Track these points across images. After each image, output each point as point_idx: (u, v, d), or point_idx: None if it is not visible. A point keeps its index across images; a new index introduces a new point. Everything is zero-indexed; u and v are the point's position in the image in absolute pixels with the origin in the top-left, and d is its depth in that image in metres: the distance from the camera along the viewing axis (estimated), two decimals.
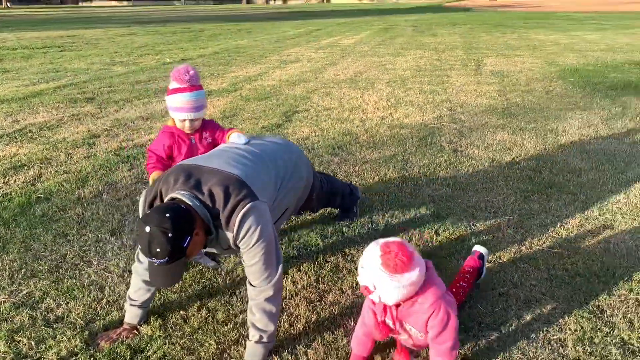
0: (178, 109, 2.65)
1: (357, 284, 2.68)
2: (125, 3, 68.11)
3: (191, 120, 2.69)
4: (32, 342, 2.26)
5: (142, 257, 2.26)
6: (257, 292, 2.10)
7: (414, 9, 41.87)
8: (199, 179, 2.05)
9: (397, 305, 1.93)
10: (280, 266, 2.13)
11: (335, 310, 2.49)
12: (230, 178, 2.06)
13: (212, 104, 7.00)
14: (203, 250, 2.53)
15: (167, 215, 1.84)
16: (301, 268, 2.85)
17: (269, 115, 6.33)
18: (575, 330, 2.31)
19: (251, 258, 2.06)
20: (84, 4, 68.62)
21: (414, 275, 1.80)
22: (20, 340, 2.27)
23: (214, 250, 2.23)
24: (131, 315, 2.34)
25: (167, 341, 2.27)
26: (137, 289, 2.31)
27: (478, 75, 8.95)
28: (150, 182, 2.65)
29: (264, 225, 2.03)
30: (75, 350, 2.21)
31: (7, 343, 2.25)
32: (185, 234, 1.87)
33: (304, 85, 8.35)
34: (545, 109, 6.43)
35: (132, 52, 13.08)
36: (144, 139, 5.34)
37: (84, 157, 4.75)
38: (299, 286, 2.69)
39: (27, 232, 3.28)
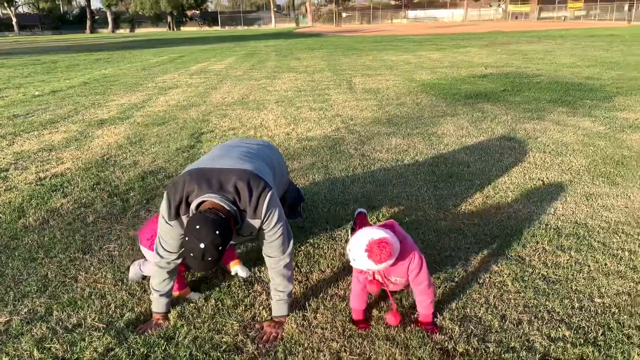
0: None
1: (331, 263, 3.16)
2: None
3: None
4: (64, 346, 2.41)
5: (162, 253, 2.53)
6: (276, 261, 2.53)
7: (267, 35, 43.19)
8: (220, 180, 2.40)
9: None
10: (292, 240, 2.57)
11: (322, 285, 2.94)
12: (247, 172, 2.45)
13: (111, 131, 7.01)
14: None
15: (217, 232, 2.19)
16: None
17: (176, 138, 6.54)
18: (509, 274, 3.01)
19: (272, 235, 2.47)
20: None
21: (395, 256, 2.34)
22: (50, 347, 2.41)
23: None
24: (160, 304, 2.60)
25: (192, 327, 2.55)
26: (162, 281, 2.58)
27: (354, 93, 9.86)
28: None
29: (279, 208, 2.47)
30: (110, 346, 2.41)
31: (38, 350, 2.37)
32: (229, 240, 2.26)
33: (195, 109, 8.60)
34: (421, 118, 7.41)
35: None
36: (58, 169, 5.30)
37: (5, 190, 4.64)
38: None
39: None
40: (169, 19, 65.61)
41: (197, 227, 2.20)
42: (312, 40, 31.78)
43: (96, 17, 69.74)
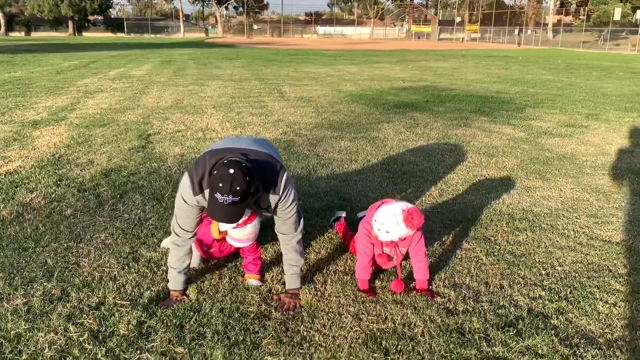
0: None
1: (322, 245, 3.43)
2: None
3: None
4: (96, 320, 2.49)
5: (179, 232, 2.68)
6: (290, 237, 2.77)
7: (178, 44, 42.42)
8: (241, 153, 2.60)
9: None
10: (302, 218, 2.84)
11: (321, 263, 3.20)
12: (264, 153, 2.68)
13: (50, 132, 6.80)
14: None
15: (244, 164, 2.39)
16: (269, 249, 3.46)
17: (124, 139, 6.48)
18: (481, 250, 3.44)
19: (288, 213, 2.71)
20: None
21: None
22: (82, 322, 2.47)
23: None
24: (177, 282, 2.74)
25: (214, 300, 2.72)
26: (178, 259, 2.72)
27: (288, 101, 10.16)
28: None
29: (294, 188, 2.73)
30: (142, 319, 2.52)
31: (72, 325, 2.43)
32: (254, 181, 2.44)
33: (132, 112, 8.49)
34: (360, 124, 7.86)
35: None
36: (10, 166, 5.13)
37: None
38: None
39: None
40: (70, 23, 62.32)
41: (225, 161, 2.39)
42: (227, 50, 31.73)
43: None
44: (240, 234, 2.77)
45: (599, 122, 8.31)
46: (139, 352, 2.28)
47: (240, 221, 2.68)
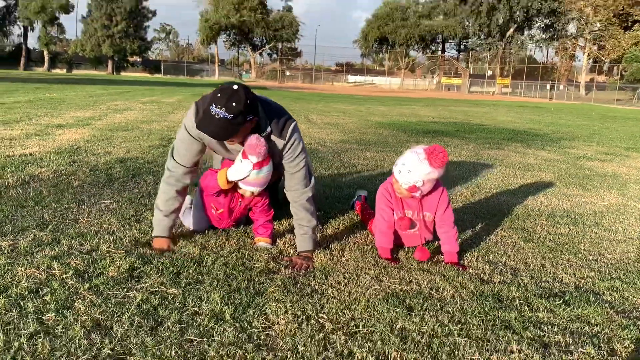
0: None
1: (342, 223, 3.13)
2: None
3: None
4: (84, 262, 2.22)
5: (171, 165, 2.48)
6: (299, 194, 2.52)
7: (212, 84, 43.33)
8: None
9: (421, 198, 2.52)
10: (314, 178, 2.60)
11: (340, 235, 2.91)
12: (276, 103, 2.48)
13: (73, 132, 6.72)
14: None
15: (250, 90, 2.23)
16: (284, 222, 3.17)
17: (146, 139, 6.36)
18: (519, 237, 3.10)
19: (295, 166, 2.48)
20: None
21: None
22: (69, 263, 2.21)
23: None
24: (161, 226, 2.51)
25: (218, 255, 2.43)
26: (167, 200, 2.49)
27: (314, 124, 10.01)
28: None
29: (302, 141, 2.52)
30: (135, 265, 2.24)
31: (57, 264, 2.17)
32: (253, 110, 2.25)
33: (157, 123, 8.43)
34: (387, 142, 7.62)
35: None
36: (26, 151, 5.00)
37: None
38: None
39: None
40: (110, 62, 64.60)
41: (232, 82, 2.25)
42: (258, 91, 31.76)
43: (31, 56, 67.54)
44: (255, 176, 2.48)
45: (639, 153, 7.90)
46: (125, 290, 2.00)
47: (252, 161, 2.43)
